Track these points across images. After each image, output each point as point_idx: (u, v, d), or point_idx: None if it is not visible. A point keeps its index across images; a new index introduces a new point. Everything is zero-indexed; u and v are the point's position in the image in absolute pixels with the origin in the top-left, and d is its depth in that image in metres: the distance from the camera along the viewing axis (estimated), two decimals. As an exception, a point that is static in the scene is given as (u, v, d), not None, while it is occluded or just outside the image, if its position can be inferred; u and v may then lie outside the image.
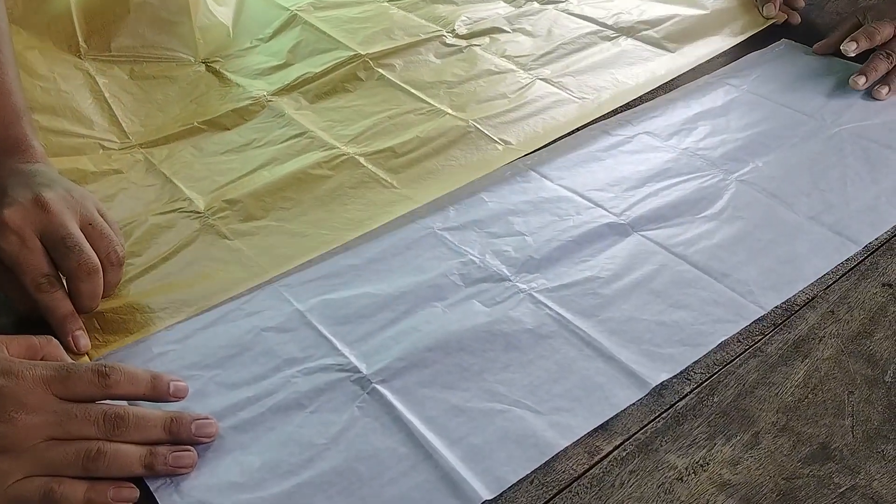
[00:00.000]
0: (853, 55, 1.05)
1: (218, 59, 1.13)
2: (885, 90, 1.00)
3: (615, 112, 0.99)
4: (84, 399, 0.60)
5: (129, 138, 0.96)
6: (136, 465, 0.59)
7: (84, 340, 0.70)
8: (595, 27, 1.17)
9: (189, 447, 0.61)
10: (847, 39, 1.05)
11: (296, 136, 0.97)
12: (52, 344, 0.64)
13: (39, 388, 0.58)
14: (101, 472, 0.57)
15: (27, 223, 0.69)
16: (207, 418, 0.63)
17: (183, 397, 0.64)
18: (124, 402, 0.63)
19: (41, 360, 0.63)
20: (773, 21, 1.16)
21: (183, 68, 1.11)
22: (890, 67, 1.02)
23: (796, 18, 1.17)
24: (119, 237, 0.76)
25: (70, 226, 0.71)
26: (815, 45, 1.11)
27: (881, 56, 1.02)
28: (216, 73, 1.10)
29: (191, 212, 0.85)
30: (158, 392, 0.63)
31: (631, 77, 1.06)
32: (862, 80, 1.01)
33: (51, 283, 0.69)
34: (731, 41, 1.12)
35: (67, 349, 0.67)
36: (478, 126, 0.97)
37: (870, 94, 1.01)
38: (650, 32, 1.15)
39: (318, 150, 0.94)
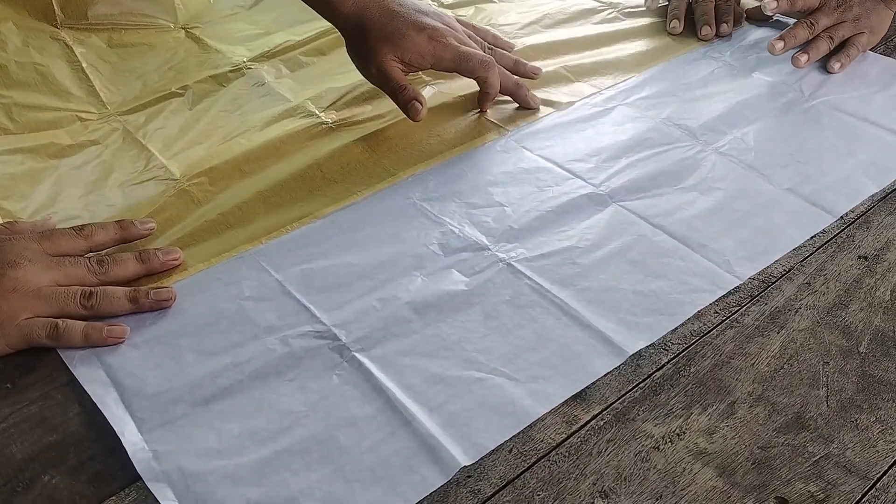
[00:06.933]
0: (770, 14, 1.07)
1: (198, 25, 1.12)
2: (804, 58, 1.01)
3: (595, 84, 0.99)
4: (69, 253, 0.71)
5: (106, 108, 0.96)
6: (123, 300, 0.68)
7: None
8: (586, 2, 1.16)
9: (168, 286, 0.71)
10: None
11: (275, 103, 0.96)
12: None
13: (34, 243, 0.69)
14: (96, 309, 0.67)
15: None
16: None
17: (152, 228, 0.76)
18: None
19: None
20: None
21: (162, 35, 1.09)
22: (810, 37, 1.03)
23: (725, 31, 1.10)
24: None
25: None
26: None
27: (804, 25, 1.03)
28: (196, 39, 1.09)
29: (166, 179, 0.84)
30: (130, 233, 0.74)
31: (617, 50, 1.06)
32: (780, 44, 1.02)
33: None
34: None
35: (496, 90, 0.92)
36: (459, 98, 0.96)
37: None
38: (640, 7, 1.14)
39: (298, 118, 0.93)
